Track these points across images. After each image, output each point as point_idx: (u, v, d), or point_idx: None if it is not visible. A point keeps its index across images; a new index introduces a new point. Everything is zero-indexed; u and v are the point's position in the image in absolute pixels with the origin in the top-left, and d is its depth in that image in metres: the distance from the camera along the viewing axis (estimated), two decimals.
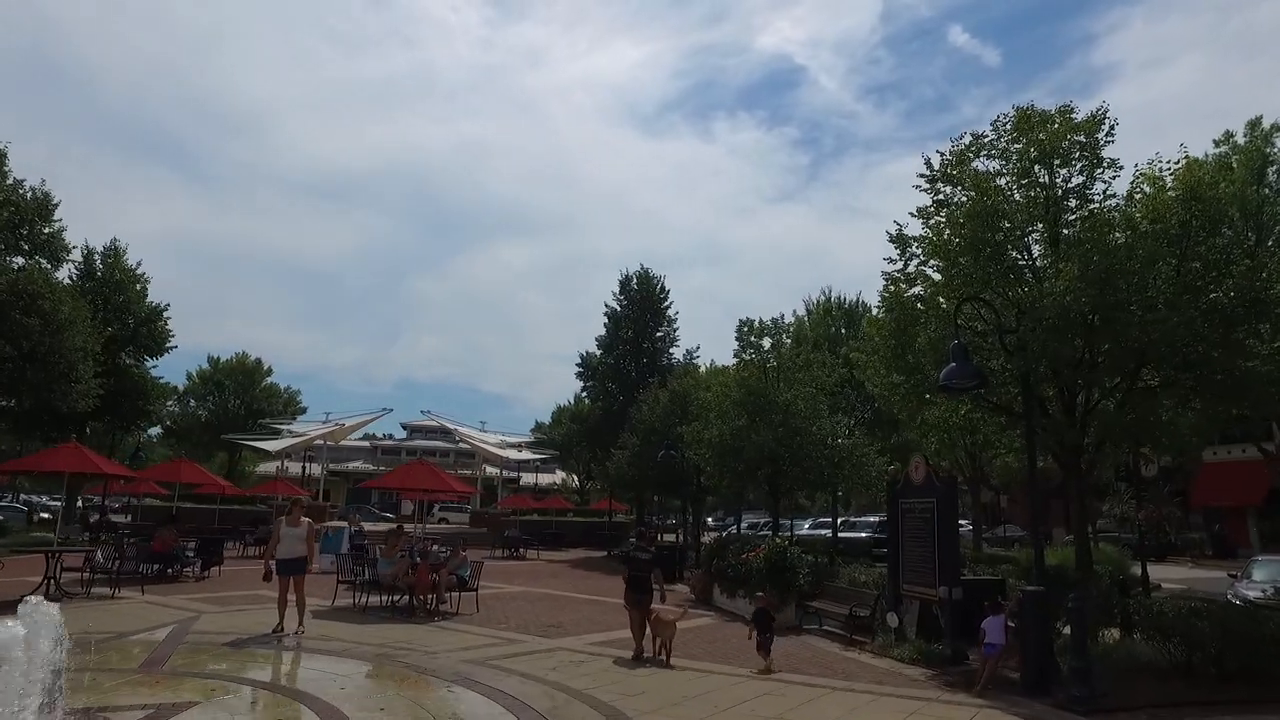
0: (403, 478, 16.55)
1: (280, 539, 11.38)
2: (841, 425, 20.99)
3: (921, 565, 11.47)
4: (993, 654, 8.90)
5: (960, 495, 15.86)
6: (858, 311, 34.04)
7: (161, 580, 16.89)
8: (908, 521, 12.00)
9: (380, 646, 10.29)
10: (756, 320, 21.72)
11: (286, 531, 11.43)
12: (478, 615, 13.84)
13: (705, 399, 22.57)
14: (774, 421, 19.30)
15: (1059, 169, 11.32)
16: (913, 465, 12.01)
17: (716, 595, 17.12)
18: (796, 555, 14.73)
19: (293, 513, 11.74)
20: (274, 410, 53.85)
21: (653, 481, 28.07)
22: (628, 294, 38.42)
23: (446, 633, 11.86)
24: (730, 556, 16.47)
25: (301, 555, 11.53)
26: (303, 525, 11.72)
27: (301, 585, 11.39)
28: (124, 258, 34.80)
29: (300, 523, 11.68)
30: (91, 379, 27.51)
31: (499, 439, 47.56)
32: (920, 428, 13.86)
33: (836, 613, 13.35)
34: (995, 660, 8.92)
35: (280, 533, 11.43)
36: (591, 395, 40.06)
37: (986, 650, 9.00)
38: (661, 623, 10.42)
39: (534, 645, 11.13)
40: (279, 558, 11.26)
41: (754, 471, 20.12)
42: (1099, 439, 10.87)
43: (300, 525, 11.65)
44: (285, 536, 11.40)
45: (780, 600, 14.20)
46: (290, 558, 11.38)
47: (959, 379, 9.42)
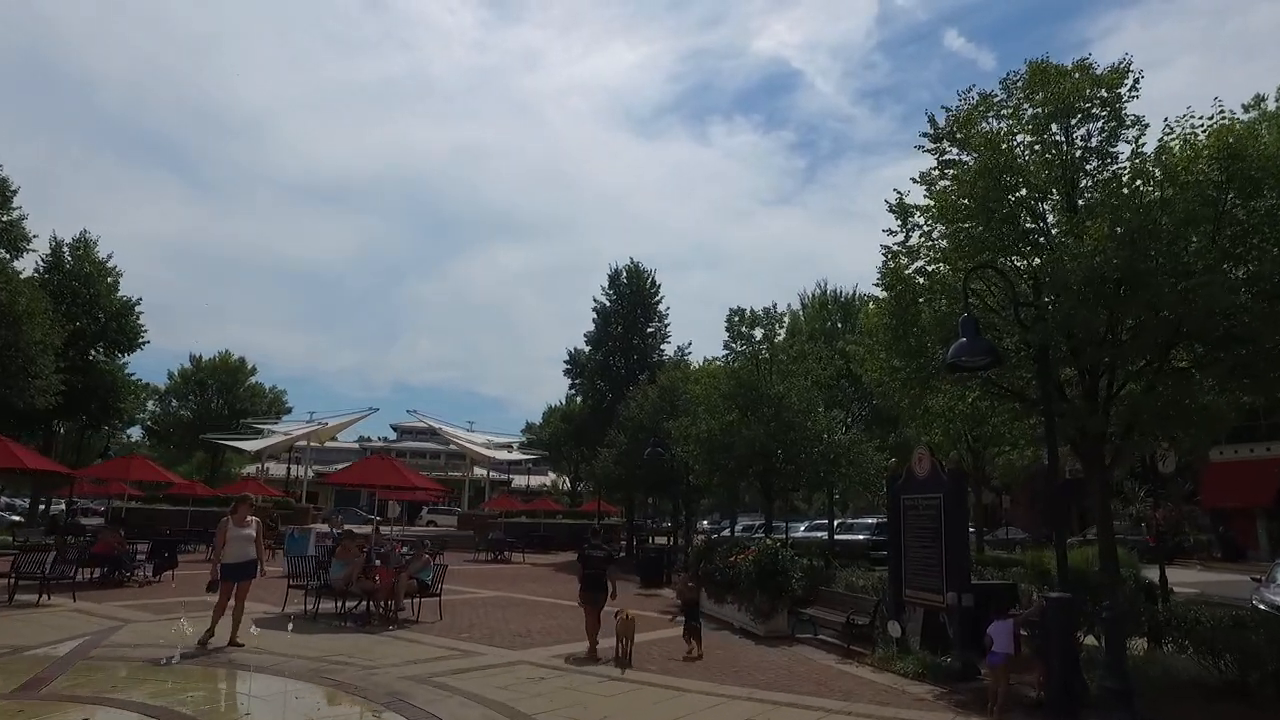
0: (361, 473, 15.34)
1: (228, 541, 10.14)
2: (838, 420, 19.78)
3: (926, 568, 10.31)
4: (998, 663, 7.74)
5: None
6: (854, 305, 32.89)
7: (105, 585, 15.66)
8: (910, 520, 10.83)
9: (316, 660, 9.09)
10: (748, 310, 20.53)
11: (234, 533, 10.20)
12: (440, 623, 12.64)
13: (694, 392, 21.38)
14: (766, 415, 18.13)
15: (1077, 127, 10.16)
16: (916, 457, 10.84)
17: (704, 600, 15.89)
18: (789, 558, 13.55)
19: (238, 511, 10.49)
20: (258, 410, 52.58)
21: (641, 481, 26.85)
22: (617, 289, 37.20)
23: (397, 643, 10.65)
24: (718, 559, 15.29)
25: (253, 559, 10.41)
26: (251, 525, 10.53)
27: (246, 593, 10.21)
28: (94, 250, 33.57)
29: (248, 523, 10.48)
30: (52, 374, 26.26)
31: (486, 439, 46.29)
32: (923, 418, 12.69)
33: (833, 620, 12.18)
34: (1005, 673, 7.75)
35: (228, 534, 10.17)
36: (580, 393, 38.81)
37: (991, 659, 7.84)
38: (624, 621, 10.10)
39: (493, 658, 9.93)
40: (228, 561, 10.08)
41: (745, 469, 18.94)
42: (1125, 426, 9.70)
43: (249, 525, 10.47)
44: (234, 538, 10.19)
45: (770, 606, 13.05)
46: (240, 561, 10.22)
47: (970, 355, 8.27)
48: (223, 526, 10.26)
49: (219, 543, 10.20)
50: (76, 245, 33.27)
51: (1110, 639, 6.99)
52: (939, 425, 12.60)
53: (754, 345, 20.31)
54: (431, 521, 54.70)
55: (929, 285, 10.96)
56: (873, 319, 22.01)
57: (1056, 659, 7.36)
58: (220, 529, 10.27)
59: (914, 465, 10.86)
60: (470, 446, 44.85)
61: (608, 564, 10.93)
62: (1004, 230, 9.45)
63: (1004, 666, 7.75)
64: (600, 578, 10.72)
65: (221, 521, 10.37)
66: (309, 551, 17.91)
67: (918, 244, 11.35)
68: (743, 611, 13.67)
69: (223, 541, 10.12)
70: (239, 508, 10.54)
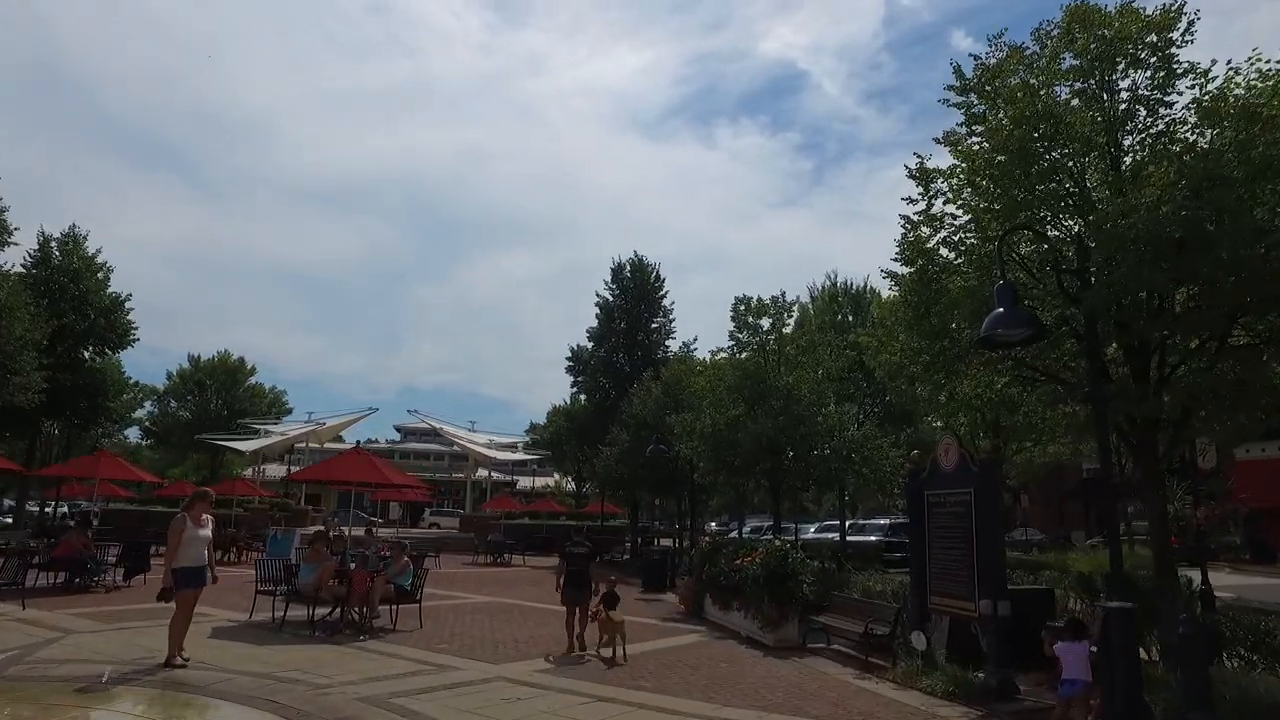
0: (333, 469, 14.26)
1: (184, 543, 8.85)
2: (850, 415, 18.64)
3: (954, 573, 9.18)
4: (1075, 694, 6.56)
5: None
6: (865, 298, 31.68)
7: (67, 591, 14.66)
8: (936, 518, 9.70)
9: (263, 678, 8.04)
10: (754, 299, 19.40)
11: (192, 534, 8.94)
12: (418, 633, 11.58)
13: (697, 386, 20.27)
14: (774, 409, 17.01)
15: (1122, 77, 9.01)
16: (941, 448, 9.71)
17: (708, 607, 14.83)
18: (799, 561, 12.45)
19: (195, 508, 9.20)
20: (258, 411, 51.65)
21: (644, 481, 25.74)
22: (620, 283, 36.12)
23: (364, 656, 9.58)
24: (723, 562, 14.19)
25: (205, 564, 9.19)
26: (208, 525, 9.38)
27: (195, 602, 9.10)
28: (83, 246, 32.67)
29: (204, 521, 9.30)
30: (35, 371, 25.34)
31: (488, 439, 45.24)
32: (947, 406, 11.54)
33: (848, 630, 11.06)
34: (1084, 705, 6.56)
35: (185, 535, 8.87)
36: (582, 391, 37.71)
37: (1065, 691, 6.65)
38: (611, 622, 10.03)
39: (468, 673, 8.85)
40: (183, 566, 8.81)
41: (752, 466, 17.83)
42: (1182, 410, 8.54)
43: (205, 525, 9.30)
44: (190, 540, 8.91)
45: (780, 614, 11.93)
46: (197, 566, 9.03)
47: (1008, 328, 7.15)
48: (178, 526, 8.91)
49: (173, 544, 8.81)
50: (65, 240, 32.39)
51: (1189, 659, 5.85)
52: (965, 415, 11.44)
53: (761, 335, 19.20)
54: (435, 523, 53.74)
55: (955, 256, 9.83)
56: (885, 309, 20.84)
57: (1121, 681, 6.22)
58: (174, 529, 8.91)
59: (939, 457, 9.74)
60: (472, 447, 43.80)
61: (590, 561, 10.94)
62: (1043, 189, 8.31)
63: (1084, 698, 6.57)
64: (583, 575, 10.75)
65: (176, 520, 9.11)
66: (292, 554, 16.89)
67: (941, 211, 10.21)
68: (749, 619, 12.56)
69: (177, 543, 8.82)
70: (195, 504, 9.25)
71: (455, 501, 62.63)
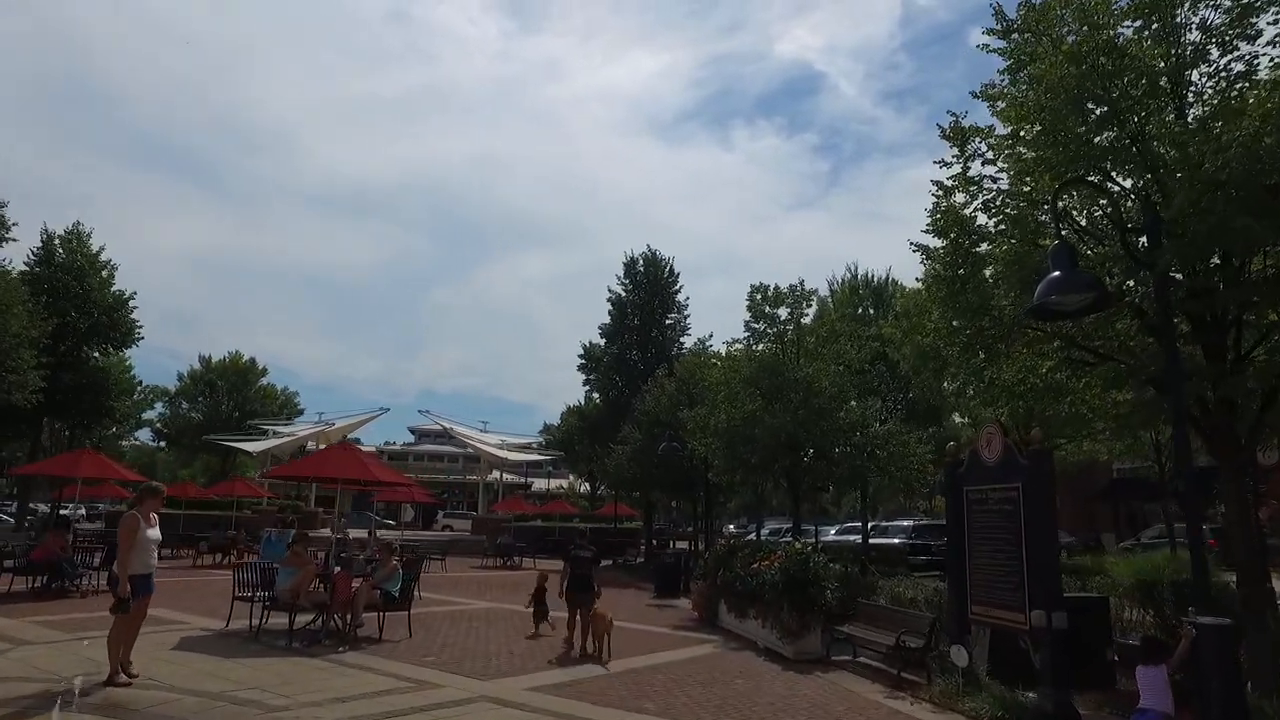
0: (314, 466, 13.31)
1: (139, 545, 7.85)
2: (874, 409, 17.51)
3: (1000, 579, 8.07)
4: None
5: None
6: (887, 290, 30.45)
7: (44, 596, 13.85)
8: (977, 518, 8.60)
9: (215, 698, 7.09)
10: (771, 287, 18.32)
11: (144, 535, 7.96)
12: (406, 643, 10.64)
13: (711, 378, 19.21)
14: (793, 402, 15.93)
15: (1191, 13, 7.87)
16: (983, 437, 8.61)
17: (723, 614, 13.78)
18: (822, 565, 11.39)
19: (145, 504, 8.16)
20: (269, 412, 51.14)
21: (657, 480, 24.68)
22: (633, 278, 35.06)
23: (337, 671, 8.63)
24: (739, 566, 13.15)
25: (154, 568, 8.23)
26: (156, 524, 8.42)
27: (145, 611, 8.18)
28: (87, 243, 32.16)
29: (155, 521, 8.35)
30: (32, 370, 24.75)
31: (500, 440, 44.36)
32: (986, 393, 10.40)
33: (876, 641, 9.99)
34: None
35: (140, 536, 7.86)
36: (595, 389, 36.68)
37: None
38: (598, 617, 10.22)
39: (450, 692, 7.87)
40: (138, 572, 7.84)
41: (770, 463, 16.74)
42: (1269, 393, 7.40)
43: (155, 524, 8.34)
44: (143, 542, 7.92)
45: (800, 623, 10.87)
46: (149, 572, 8.07)
47: (1065, 293, 6.08)
48: (130, 525, 7.87)
49: (126, 546, 7.77)
50: (68, 238, 31.89)
51: None
52: (1006, 402, 10.28)
53: (779, 325, 18.12)
54: (448, 526, 52.92)
55: (996, 221, 8.73)
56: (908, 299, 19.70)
57: (1216, 707, 5.12)
58: (127, 528, 7.85)
59: (980, 448, 8.63)
60: (483, 448, 42.92)
61: (594, 564, 11.03)
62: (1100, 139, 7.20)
63: None
64: (587, 578, 10.80)
65: (127, 518, 8.09)
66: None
67: (980, 174, 9.12)
68: (767, 628, 11.51)
69: (131, 544, 7.81)
70: (146, 500, 8.22)
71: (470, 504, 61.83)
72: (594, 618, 10.30)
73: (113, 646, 7.60)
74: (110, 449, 56.38)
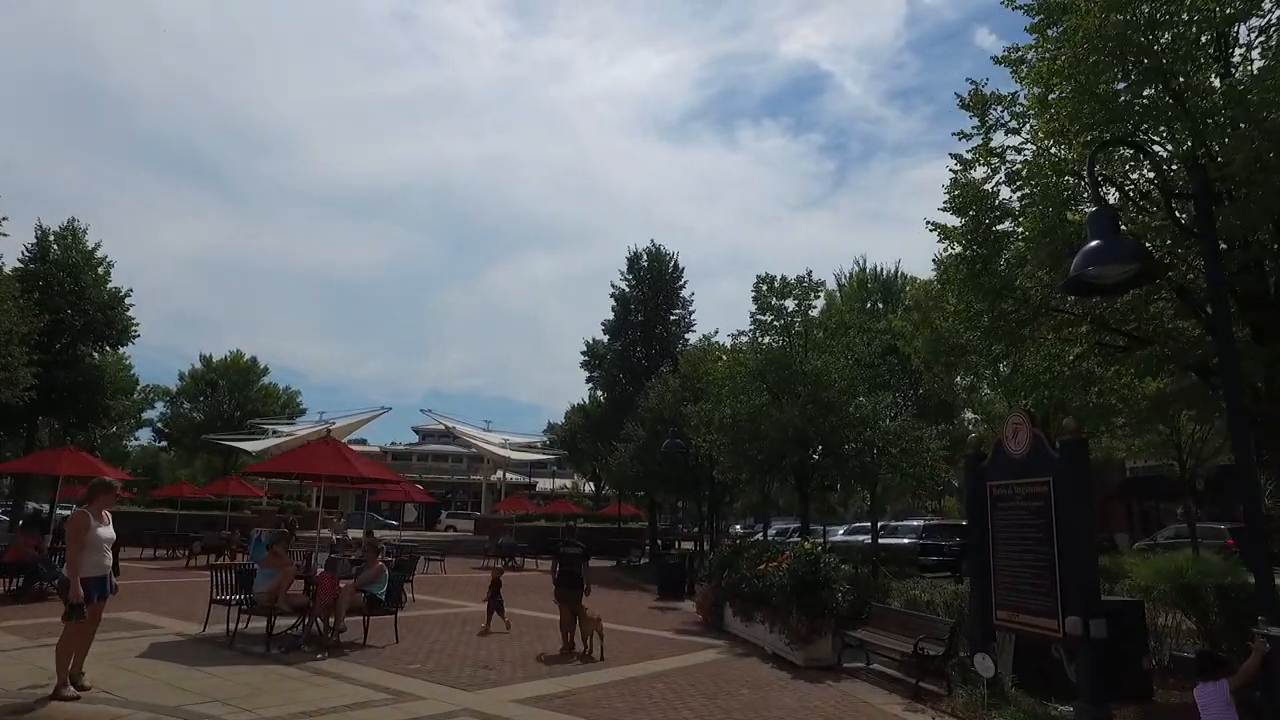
0: (294, 461, 12.67)
1: (90, 545, 7.19)
2: (885, 404, 16.81)
3: (1029, 582, 7.43)
4: None
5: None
6: (896, 284, 29.74)
7: (20, 599, 13.29)
8: (1002, 515, 7.95)
9: (169, 713, 6.48)
10: (778, 277, 17.65)
11: (98, 534, 7.30)
12: (391, 649, 10.02)
13: (715, 372, 18.54)
14: (801, 396, 15.26)
15: None
16: (1008, 427, 7.95)
17: (728, 617, 13.14)
18: (833, 566, 10.73)
19: (96, 501, 7.49)
20: (271, 411, 50.67)
21: (660, 479, 24.03)
22: (636, 273, 34.41)
23: (311, 681, 8.01)
24: (745, 568, 12.51)
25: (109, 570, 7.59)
26: (109, 522, 7.75)
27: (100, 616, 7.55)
28: (83, 240, 31.70)
29: (107, 519, 7.71)
30: (24, 367, 24.25)
31: (503, 439, 43.77)
32: (1009, 382, 9.74)
33: (890, 647, 9.34)
34: None
35: (91, 535, 7.20)
36: (598, 386, 36.02)
37: None
38: (587, 618, 10.23)
39: (428, 704, 7.24)
40: (92, 575, 7.18)
41: (777, 460, 16.08)
42: None
43: (107, 522, 7.69)
44: (97, 541, 7.26)
45: (811, 628, 10.22)
46: (103, 573, 7.39)
47: (1106, 263, 5.42)
48: (79, 524, 7.20)
49: (77, 546, 7.12)
50: (63, 234, 31.42)
51: None
52: (1029, 393, 9.61)
53: (786, 317, 17.45)
54: (451, 526, 52.36)
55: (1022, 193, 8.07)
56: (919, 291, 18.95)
57: None
58: (77, 527, 7.19)
59: (1005, 439, 7.98)
60: (486, 447, 42.37)
61: (582, 561, 11.01)
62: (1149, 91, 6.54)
63: None
64: (575, 574, 10.74)
65: (77, 516, 7.42)
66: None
67: (1003, 145, 8.46)
68: (775, 633, 10.86)
69: (81, 545, 7.14)
70: (97, 497, 7.51)
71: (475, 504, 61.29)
72: (583, 616, 10.29)
73: (62, 656, 6.97)
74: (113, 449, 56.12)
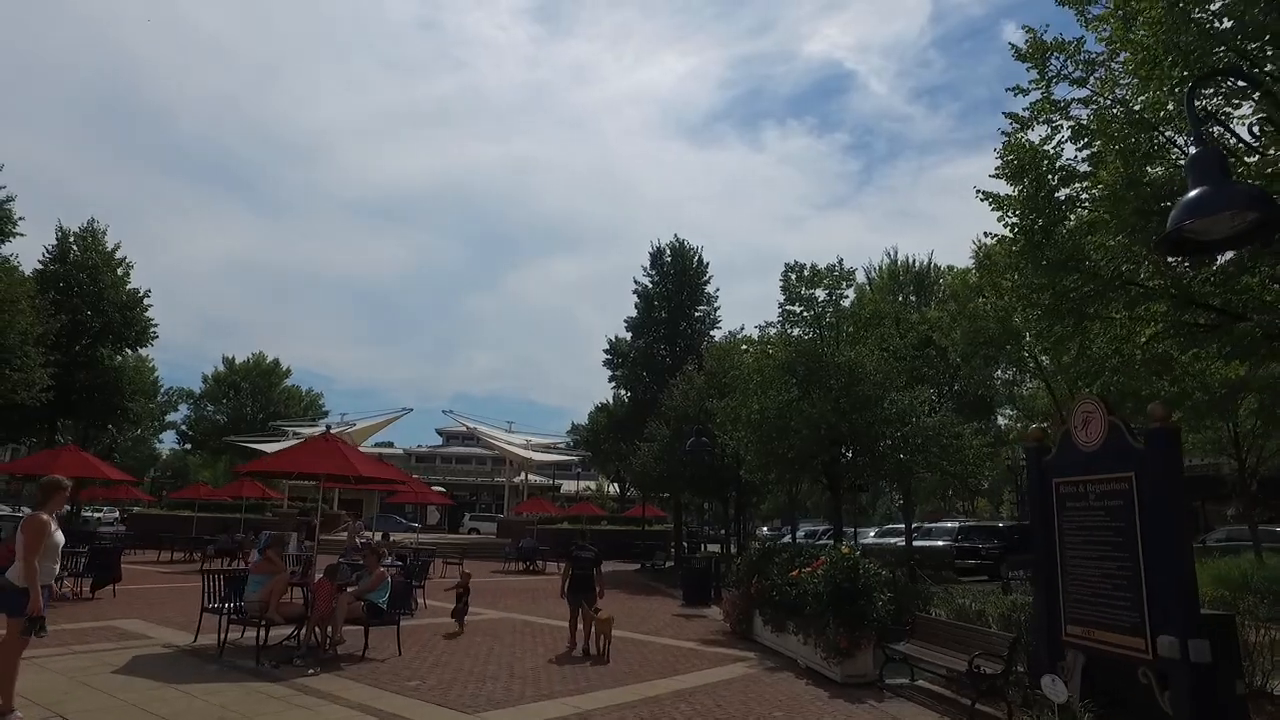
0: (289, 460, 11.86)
1: (47, 553, 6.37)
2: (922, 399, 15.78)
3: (1106, 594, 6.47)
4: None
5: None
6: (929, 276, 28.56)
7: None
8: (1072, 516, 6.98)
9: None
10: (807, 265, 16.69)
11: (55, 539, 6.50)
12: (392, 662, 9.27)
13: (743, 364, 17.61)
14: (833, 389, 14.31)
15: None
16: (1077, 415, 6.98)
17: (758, 627, 12.24)
18: (872, 573, 9.79)
19: (50, 502, 6.67)
20: (294, 413, 50.55)
21: (686, 479, 23.13)
22: (660, 268, 33.53)
23: (294, 701, 7.24)
24: (776, 574, 11.60)
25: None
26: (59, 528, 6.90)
27: None
28: (102, 241, 31.55)
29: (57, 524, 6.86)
30: (40, 368, 23.98)
31: (525, 440, 43.11)
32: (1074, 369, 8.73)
33: (938, 663, 8.40)
34: None
35: (49, 541, 6.39)
36: (621, 385, 35.16)
37: None
38: (599, 620, 10.30)
39: None
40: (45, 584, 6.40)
41: (808, 459, 15.12)
42: None
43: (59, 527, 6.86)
44: (53, 549, 6.49)
45: (850, 641, 9.29)
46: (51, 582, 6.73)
47: (1214, 212, 4.43)
48: (37, 528, 6.31)
49: (32, 553, 6.23)
50: (83, 235, 31.29)
51: None
52: (1092, 380, 8.60)
53: (817, 308, 16.48)
54: (474, 529, 51.84)
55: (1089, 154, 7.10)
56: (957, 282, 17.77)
57: None
58: (36, 530, 6.30)
59: (1074, 429, 7.01)
60: (508, 447, 41.74)
61: (595, 565, 11.00)
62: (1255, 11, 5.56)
63: None
64: (588, 578, 10.82)
65: (35, 520, 6.51)
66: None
67: (1067, 99, 7.49)
68: (810, 645, 9.95)
69: (37, 551, 6.24)
70: (51, 498, 6.69)
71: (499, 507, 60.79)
72: (596, 619, 10.36)
73: (8, 676, 6.24)
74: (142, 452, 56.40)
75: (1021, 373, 20.45)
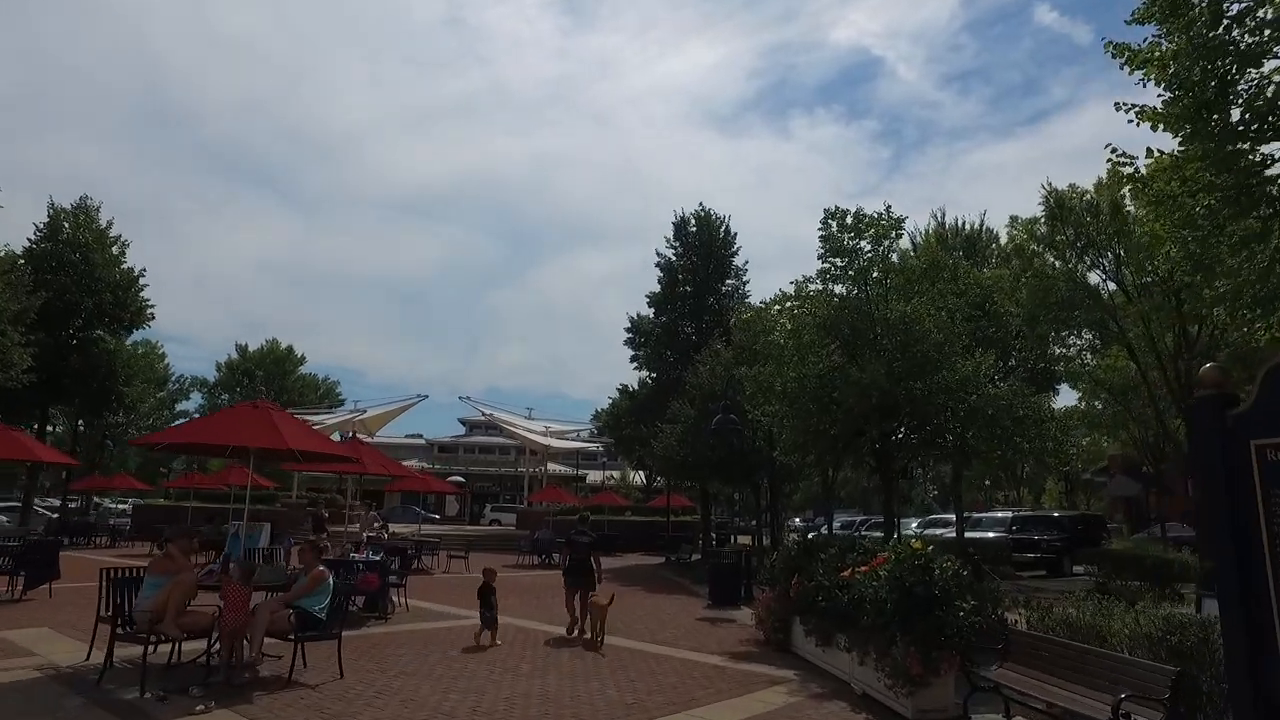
0: (202, 431, 9.71)
1: None
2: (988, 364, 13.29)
3: None
4: None
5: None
6: (981, 239, 25.83)
7: None
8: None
9: None
10: (850, 212, 14.25)
11: None
12: (328, 688, 7.15)
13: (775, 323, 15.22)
14: (886, 351, 11.92)
15: None
16: None
17: (799, 638, 9.97)
18: (951, 574, 7.46)
19: None
20: (308, 401, 49.06)
21: (712, 463, 20.80)
22: (684, 240, 31.15)
23: None
24: (822, 572, 9.30)
25: None
26: None
27: None
28: (95, 219, 29.96)
29: None
30: (19, 348, 22.36)
31: (544, 427, 41.09)
32: (1260, 282, 6.22)
33: (1036, 696, 6.13)
34: None
35: None
36: (643, 365, 32.83)
37: None
38: (595, 605, 10.20)
39: None
40: None
41: (854, 435, 12.74)
42: None
43: None
44: None
45: (925, 664, 6.97)
46: None
47: None
48: None
49: None
50: (75, 213, 29.72)
51: None
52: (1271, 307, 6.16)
53: (861, 260, 14.05)
54: (495, 520, 50.00)
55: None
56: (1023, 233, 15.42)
57: None
58: None
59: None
60: (526, 434, 39.75)
61: (593, 550, 10.99)
62: None
63: None
64: (585, 562, 10.84)
65: None
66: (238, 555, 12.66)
67: None
68: (868, 667, 7.66)
69: None
70: None
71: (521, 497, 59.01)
72: (592, 605, 10.33)
73: None
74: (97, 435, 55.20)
75: (1102, 339, 17.79)
